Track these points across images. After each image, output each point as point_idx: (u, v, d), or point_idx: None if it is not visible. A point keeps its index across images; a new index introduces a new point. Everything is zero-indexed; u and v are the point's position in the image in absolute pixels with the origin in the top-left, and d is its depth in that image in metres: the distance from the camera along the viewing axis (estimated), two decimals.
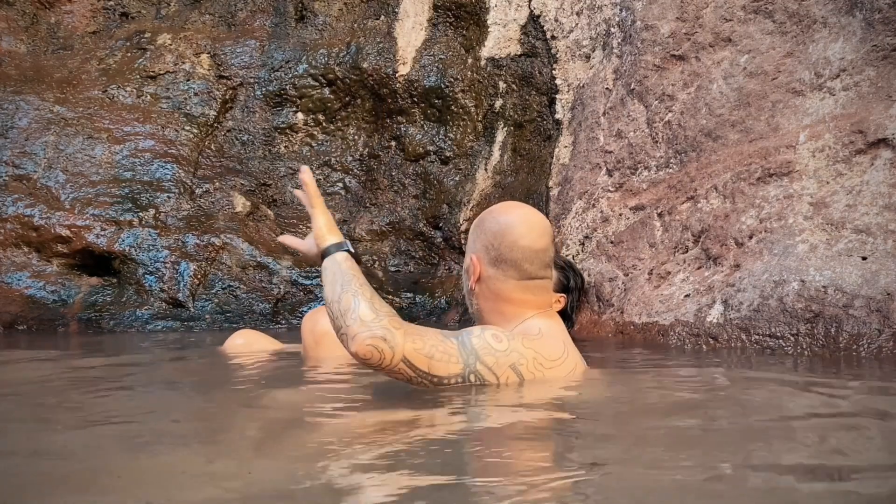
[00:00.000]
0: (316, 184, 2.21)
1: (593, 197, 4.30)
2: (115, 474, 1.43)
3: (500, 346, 2.07)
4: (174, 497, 1.30)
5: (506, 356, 2.05)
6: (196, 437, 1.80)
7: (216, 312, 5.09)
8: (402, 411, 1.92)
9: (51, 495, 1.32)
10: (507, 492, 1.30)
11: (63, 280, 5.22)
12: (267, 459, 1.55)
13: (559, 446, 1.66)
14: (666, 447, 1.58)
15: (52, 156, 5.49)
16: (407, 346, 1.94)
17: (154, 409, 2.19)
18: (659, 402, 2.14)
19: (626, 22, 4.43)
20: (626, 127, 4.21)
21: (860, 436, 1.71)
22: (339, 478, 1.40)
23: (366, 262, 5.43)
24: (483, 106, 5.46)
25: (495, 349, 2.05)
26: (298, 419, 2.00)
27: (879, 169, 3.06)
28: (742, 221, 3.40)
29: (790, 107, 3.47)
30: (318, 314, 2.98)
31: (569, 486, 1.34)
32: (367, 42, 5.69)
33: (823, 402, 2.09)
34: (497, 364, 2.04)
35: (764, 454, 1.53)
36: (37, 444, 1.70)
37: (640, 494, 1.28)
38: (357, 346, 1.91)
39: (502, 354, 2.05)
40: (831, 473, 1.40)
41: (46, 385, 2.61)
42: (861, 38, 3.28)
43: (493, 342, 2.06)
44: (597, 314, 3.99)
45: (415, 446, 1.60)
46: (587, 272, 4.14)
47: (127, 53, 5.91)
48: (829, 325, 2.90)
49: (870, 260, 2.93)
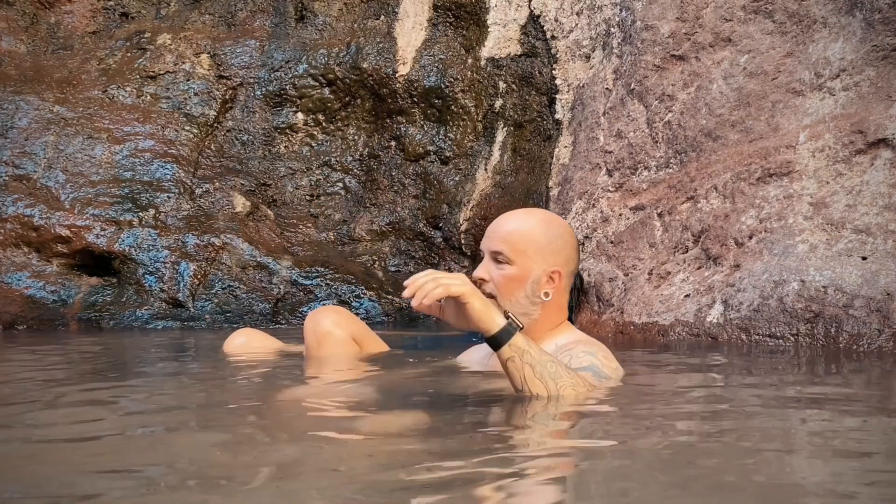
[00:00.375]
0: (466, 287, 1.98)
1: (593, 197, 4.30)
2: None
3: (613, 364, 2.24)
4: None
5: (618, 371, 2.25)
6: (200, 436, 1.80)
7: (216, 312, 5.09)
8: (416, 412, 1.92)
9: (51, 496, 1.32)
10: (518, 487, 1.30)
11: (63, 280, 5.22)
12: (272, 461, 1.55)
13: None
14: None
15: (52, 156, 5.49)
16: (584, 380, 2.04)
17: (154, 410, 2.20)
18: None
19: (626, 22, 4.44)
20: (626, 127, 4.21)
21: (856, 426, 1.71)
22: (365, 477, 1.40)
23: (366, 262, 5.44)
24: (483, 106, 5.46)
25: (615, 368, 2.24)
26: (304, 416, 2.00)
27: (879, 169, 3.06)
28: (742, 221, 3.40)
29: (790, 107, 3.47)
30: (321, 314, 2.97)
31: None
32: (367, 42, 5.69)
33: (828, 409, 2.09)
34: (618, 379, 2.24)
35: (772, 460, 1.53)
36: (34, 447, 1.70)
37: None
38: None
39: (618, 369, 2.26)
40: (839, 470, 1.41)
41: (45, 384, 2.61)
42: (861, 38, 3.28)
43: (609, 362, 2.23)
44: (597, 314, 3.99)
45: (432, 443, 1.60)
46: (587, 272, 4.14)
47: (127, 53, 5.91)
48: (829, 325, 2.90)
49: (870, 260, 2.94)
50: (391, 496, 1.30)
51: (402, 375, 2.64)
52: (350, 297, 5.13)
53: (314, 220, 5.63)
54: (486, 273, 2.29)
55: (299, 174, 5.71)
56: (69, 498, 1.30)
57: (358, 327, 2.99)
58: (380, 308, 5.09)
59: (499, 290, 2.26)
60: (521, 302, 2.28)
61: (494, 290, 2.26)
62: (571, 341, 2.29)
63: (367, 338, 2.99)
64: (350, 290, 5.16)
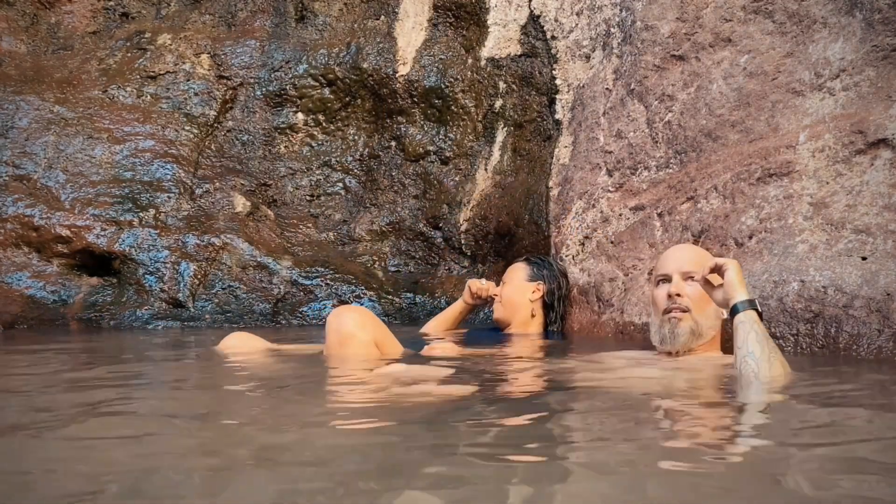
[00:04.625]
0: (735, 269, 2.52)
1: (593, 197, 4.30)
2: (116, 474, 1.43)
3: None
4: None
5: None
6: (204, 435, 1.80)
7: (216, 312, 5.09)
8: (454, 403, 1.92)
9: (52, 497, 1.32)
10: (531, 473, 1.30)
11: (63, 280, 5.22)
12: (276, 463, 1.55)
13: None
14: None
15: (52, 156, 5.49)
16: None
17: (155, 411, 2.20)
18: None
19: (626, 22, 4.44)
20: (626, 127, 4.21)
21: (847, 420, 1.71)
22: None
23: (366, 262, 5.43)
24: (483, 106, 5.46)
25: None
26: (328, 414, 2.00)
27: (879, 169, 3.06)
28: (742, 221, 3.40)
29: (790, 107, 3.47)
30: (345, 314, 3.00)
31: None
32: (367, 42, 5.69)
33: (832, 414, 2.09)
34: None
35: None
36: (34, 449, 1.70)
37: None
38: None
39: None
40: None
41: (45, 385, 2.61)
42: (861, 38, 3.28)
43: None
44: (597, 314, 3.99)
45: (464, 436, 1.60)
46: (587, 272, 4.15)
47: (127, 53, 5.91)
48: (829, 326, 2.90)
49: (870, 260, 2.93)
50: (388, 493, 1.30)
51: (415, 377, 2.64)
52: (350, 297, 5.13)
53: (314, 220, 5.63)
54: (680, 289, 2.71)
55: (299, 174, 5.71)
56: (68, 498, 1.30)
57: (380, 330, 3.03)
58: (380, 308, 5.09)
59: (693, 304, 2.69)
60: (711, 315, 2.73)
61: (689, 304, 2.70)
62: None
63: (387, 341, 3.04)
64: (350, 290, 5.16)
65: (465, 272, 5.26)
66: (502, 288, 4.13)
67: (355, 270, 5.30)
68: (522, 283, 4.10)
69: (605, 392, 2.29)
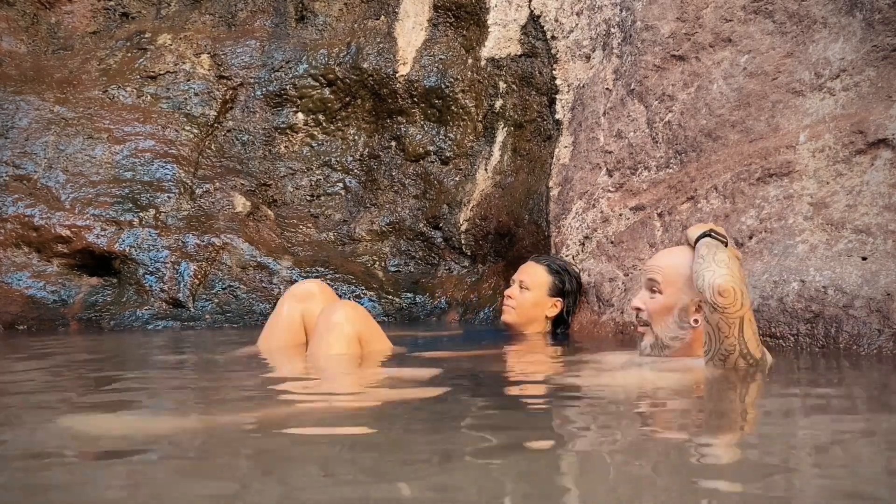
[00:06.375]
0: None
1: (593, 197, 4.30)
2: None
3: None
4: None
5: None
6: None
7: (216, 312, 5.09)
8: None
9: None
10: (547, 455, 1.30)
11: (63, 280, 5.22)
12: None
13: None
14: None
15: (52, 156, 5.49)
16: (748, 314, 2.34)
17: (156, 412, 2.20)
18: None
19: (626, 22, 4.44)
20: (626, 127, 4.21)
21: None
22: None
23: (366, 262, 5.44)
24: (483, 106, 5.46)
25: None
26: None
27: (879, 169, 3.06)
28: (742, 221, 3.40)
29: (790, 107, 3.47)
30: (338, 306, 3.14)
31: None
32: (367, 42, 5.69)
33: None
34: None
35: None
36: (35, 450, 1.71)
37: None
38: (722, 280, 2.31)
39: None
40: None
41: (46, 385, 2.62)
42: (861, 38, 3.28)
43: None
44: (597, 314, 3.99)
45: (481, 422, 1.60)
46: (587, 272, 4.15)
47: (127, 54, 5.91)
48: (829, 326, 2.90)
49: (870, 260, 2.94)
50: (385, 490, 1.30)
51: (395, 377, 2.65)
52: (350, 297, 5.12)
53: (314, 220, 5.63)
54: (641, 303, 2.65)
55: (299, 174, 5.71)
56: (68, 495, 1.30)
57: (368, 329, 3.12)
58: (380, 308, 5.09)
59: (653, 317, 2.63)
60: (671, 327, 2.64)
61: (649, 317, 2.63)
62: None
63: (374, 338, 3.10)
64: (350, 290, 5.16)
65: (465, 272, 5.26)
66: (520, 294, 3.93)
67: (355, 270, 5.30)
68: (544, 298, 3.94)
69: (603, 392, 2.29)
